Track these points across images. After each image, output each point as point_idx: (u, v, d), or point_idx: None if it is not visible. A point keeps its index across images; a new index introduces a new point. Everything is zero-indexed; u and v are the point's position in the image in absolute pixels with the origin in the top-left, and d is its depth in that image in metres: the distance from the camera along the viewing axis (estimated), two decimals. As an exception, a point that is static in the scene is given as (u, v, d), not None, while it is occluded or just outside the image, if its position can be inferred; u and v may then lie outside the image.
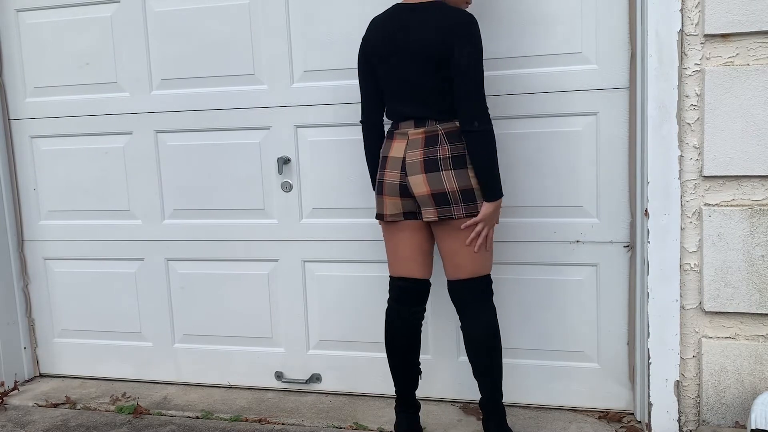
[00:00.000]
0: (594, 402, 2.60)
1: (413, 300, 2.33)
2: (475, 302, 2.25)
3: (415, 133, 2.17)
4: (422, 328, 2.70)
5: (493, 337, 2.25)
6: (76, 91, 2.96)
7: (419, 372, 2.40)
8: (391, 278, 2.35)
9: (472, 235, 2.17)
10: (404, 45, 2.14)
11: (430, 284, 2.35)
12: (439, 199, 2.14)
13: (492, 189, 2.14)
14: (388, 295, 2.38)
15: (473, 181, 2.14)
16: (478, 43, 2.08)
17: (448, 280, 2.28)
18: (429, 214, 2.17)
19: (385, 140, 2.29)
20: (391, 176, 2.21)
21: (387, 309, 2.36)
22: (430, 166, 2.13)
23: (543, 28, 2.45)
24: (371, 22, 2.27)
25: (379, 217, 2.30)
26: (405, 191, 2.19)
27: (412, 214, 2.23)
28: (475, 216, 2.15)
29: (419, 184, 2.15)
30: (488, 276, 2.26)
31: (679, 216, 2.27)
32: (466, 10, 2.19)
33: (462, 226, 2.17)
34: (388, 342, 2.35)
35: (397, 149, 2.20)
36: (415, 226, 2.25)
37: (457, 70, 2.07)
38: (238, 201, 2.85)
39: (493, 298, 2.28)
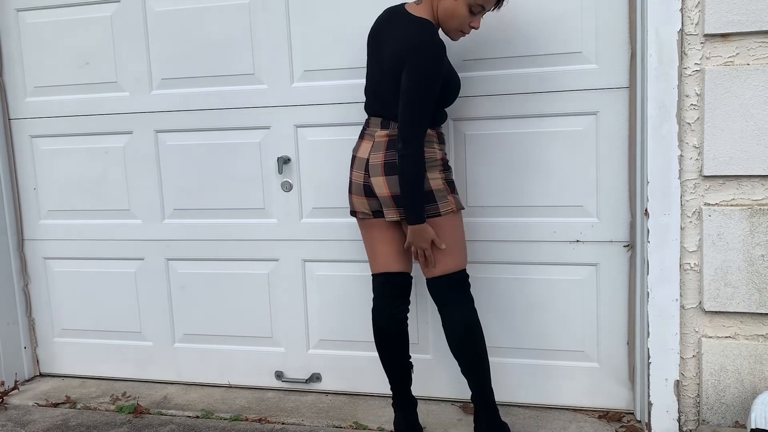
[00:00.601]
0: (594, 401, 2.60)
1: (395, 294, 2.35)
2: (449, 299, 2.27)
3: (381, 136, 2.21)
4: (423, 328, 2.72)
5: (470, 332, 2.25)
6: (76, 91, 2.96)
7: (411, 367, 2.42)
8: (372, 276, 2.38)
9: (413, 254, 2.24)
10: (380, 48, 2.21)
11: (410, 277, 2.37)
12: (399, 201, 2.17)
13: (408, 212, 2.13)
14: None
15: (432, 184, 2.16)
16: (424, 70, 2.06)
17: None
18: (390, 214, 2.21)
19: (357, 138, 2.33)
20: (357, 176, 2.26)
21: (372, 307, 2.38)
22: (390, 169, 2.16)
23: (543, 28, 2.45)
24: (384, 11, 2.30)
25: (353, 213, 2.34)
26: (369, 191, 2.23)
27: (380, 212, 2.26)
28: (436, 217, 2.17)
29: (380, 186, 2.19)
30: (460, 272, 2.26)
31: (679, 216, 2.27)
32: (429, 32, 2.12)
33: (405, 246, 2.26)
34: (376, 340, 2.37)
35: (363, 150, 2.25)
36: (386, 222, 2.29)
37: (401, 91, 2.10)
38: (238, 201, 2.85)
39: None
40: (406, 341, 2.38)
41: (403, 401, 2.43)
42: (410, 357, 2.42)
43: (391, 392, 2.44)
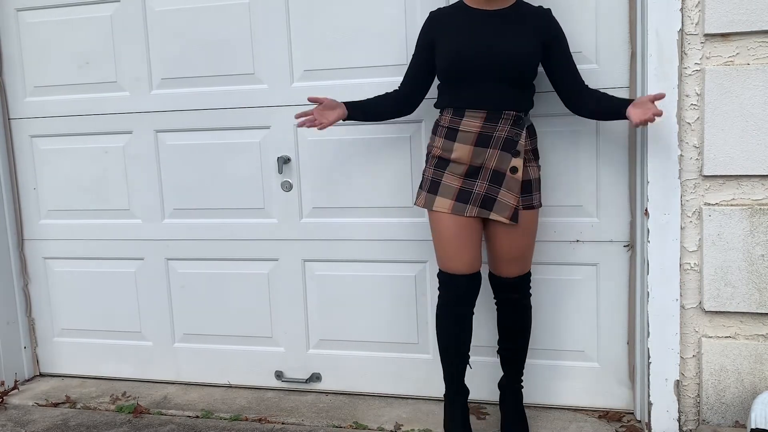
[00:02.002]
0: (594, 401, 2.60)
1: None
2: None
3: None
4: (423, 328, 2.73)
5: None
6: (76, 91, 2.96)
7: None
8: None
9: None
10: None
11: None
12: None
13: None
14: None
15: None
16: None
17: None
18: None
19: None
20: None
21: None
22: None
23: (543, 28, 2.45)
24: None
25: None
26: None
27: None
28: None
29: None
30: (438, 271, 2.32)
31: (679, 215, 2.27)
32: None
33: None
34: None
35: None
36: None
37: None
38: (238, 200, 2.85)
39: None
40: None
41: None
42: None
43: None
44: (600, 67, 2.42)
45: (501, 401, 2.48)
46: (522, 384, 2.44)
